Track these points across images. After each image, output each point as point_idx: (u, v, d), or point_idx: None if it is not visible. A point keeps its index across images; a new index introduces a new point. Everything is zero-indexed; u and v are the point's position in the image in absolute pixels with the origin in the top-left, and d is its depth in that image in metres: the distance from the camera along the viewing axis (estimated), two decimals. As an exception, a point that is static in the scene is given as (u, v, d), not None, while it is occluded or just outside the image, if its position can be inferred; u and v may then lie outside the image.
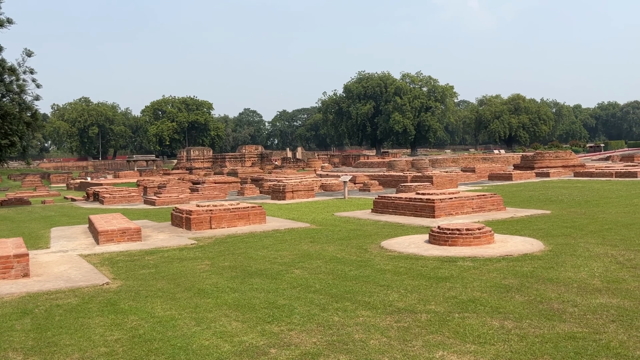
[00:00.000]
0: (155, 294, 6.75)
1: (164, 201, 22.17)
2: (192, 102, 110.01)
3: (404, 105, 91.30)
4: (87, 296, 6.72)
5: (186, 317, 5.68)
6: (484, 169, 32.69)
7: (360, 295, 6.32)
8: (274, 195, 22.30)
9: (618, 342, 4.54)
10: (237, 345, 4.77)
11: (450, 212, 13.59)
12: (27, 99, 25.12)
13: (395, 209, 14.42)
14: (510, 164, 42.48)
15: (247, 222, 13.18)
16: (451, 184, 25.46)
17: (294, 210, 17.13)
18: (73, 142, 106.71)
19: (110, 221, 12.28)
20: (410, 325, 5.14)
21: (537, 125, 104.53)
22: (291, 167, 58.47)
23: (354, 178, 29.43)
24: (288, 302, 6.09)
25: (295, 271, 7.79)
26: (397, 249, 9.21)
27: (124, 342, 4.94)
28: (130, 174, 58.62)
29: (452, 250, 8.74)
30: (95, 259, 9.43)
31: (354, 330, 5.07)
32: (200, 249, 10.13)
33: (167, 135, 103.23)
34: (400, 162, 38.69)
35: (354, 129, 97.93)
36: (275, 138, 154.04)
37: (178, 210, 13.70)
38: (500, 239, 9.60)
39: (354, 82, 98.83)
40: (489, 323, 5.13)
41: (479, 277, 6.97)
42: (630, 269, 7.12)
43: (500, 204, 14.51)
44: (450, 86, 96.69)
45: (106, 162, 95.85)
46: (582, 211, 13.70)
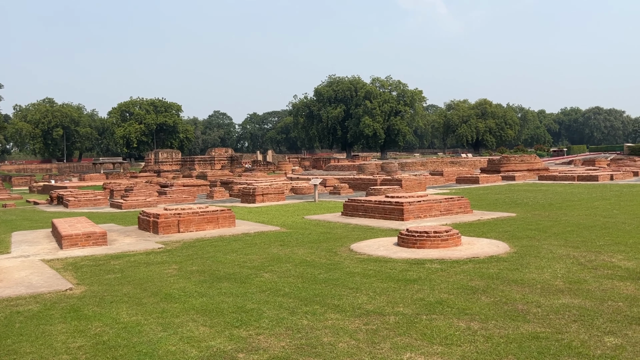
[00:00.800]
0: (121, 299, 6.61)
1: (131, 204, 21.77)
2: (160, 104, 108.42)
3: (374, 109, 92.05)
4: (49, 302, 6.53)
5: (152, 322, 5.57)
6: (451, 173, 33.19)
7: (330, 298, 6.32)
8: (243, 198, 22.15)
9: (579, 341, 4.66)
10: (204, 350, 4.71)
11: (419, 214, 13.75)
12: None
13: (365, 212, 14.50)
14: (477, 168, 43.26)
15: (216, 226, 13.05)
16: (420, 187, 25.77)
17: (264, 213, 17.05)
18: (36, 144, 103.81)
19: (75, 225, 11.99)
20: (379, 328, 5.17)
21: (503, 129, 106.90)
22: (261, 170, 58.22)
23: (324, 181, 29.48)
24: (257, 306, 6.05)
25: (265, 275, 7.75)
26: (366, 251, 9.26)
27: (87, 349, 4.81)
28: (96, 176, 57.35)
29: (421, 253, 8.84)
30: (58, 264, 9.18)
31: (322, 333, 5.07)
32: (167, 253, 9.97)
33: (134, 137, 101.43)
34: (370, 165, 38.96)
35: (325, 132, 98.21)
36: (246, 141, 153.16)
37: (145, 214, 13.47)
38: (467, 241, 9.76)
39: (325, 86, 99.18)
40: (455, 324, 5.20)
41: (447, 279, 7.07)
42: (591, 269, 7.33)
43: (468, 206, 14.75)
44: (419, 91, 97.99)
45: (71, 165, 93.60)
46: (546, 214, 14.05)
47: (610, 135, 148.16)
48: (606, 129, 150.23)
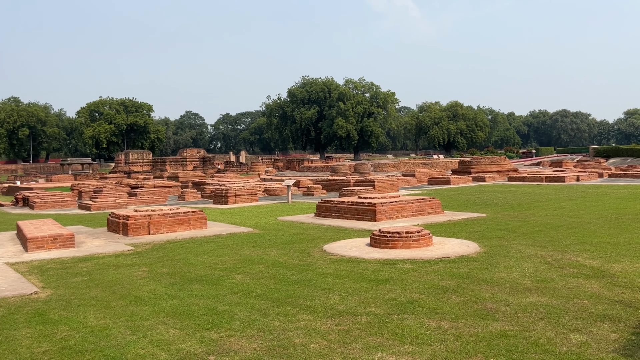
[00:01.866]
0: (88, 302, 6.47)
1: (100, 206, 21.34)
2: (131, 104, 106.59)
3: (347, 110, 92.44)
4: (14, 306, 6.35)
5: (121, 325, 5.47)
6: (423, 174, 33.55)
7: (302, 299, 6.31)
8: (216, 199, 21.95)
9: (546, 339, 4.76)
10: (174, 353, 4.64)
11: (391, 215, 13.85)
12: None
13: (338, 212, 14.54)
14: (448, 169, 43.85)
15: (187, 227, 12.89)
16: (392, 188, 25.97)
17: (236, 214, 16.93)
18: (1, 144, 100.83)
19: (41, 227, 11.69)
20: (351, 328, 5.18)
21: (474, 131, 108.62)
22: (234, 171, 57.83)
23: (297, 182, 29.45)
24: (228, 308, 6.00)
25: (237, 276, 7.69)
26: (339, 252, 9.28)
27: (53, 354, 4.70)
28: (64, 177, 56.05)
29: (393, 253, 8.90)
30: (23, 267, 8.94)
31: (294, 334, 5.05)
32: (137, 255, 9.81)
33: (104, 137, 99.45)
34: (344, 166, 39.10)
35: (298, 133, 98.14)
36: (218, 142, 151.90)
37: (115, 216, 13.22)
38: (439, 241, 9.87)
39: (298, 87, 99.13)
40: (426, 324, 5.26)
41: (418, 279, 7.13)
42: (557, 268, 7.50)
43: (439, 207, 14.93)
44: (392, 92, 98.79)
45: (38, 166, 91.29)
46: (515, 214, 14.32)
47: (577, 138, 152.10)
48: (573, 132, 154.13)
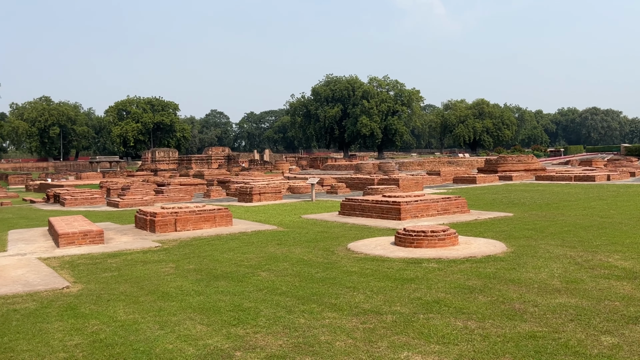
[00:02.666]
0: (118, 297, 6.60)
1: (127, 203, 21.72)
2: (157, 103, 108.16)
3: (371, 108, 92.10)
4: (46, 300, 6.51)
5: (149, 320, 5.57)
6: (449, 172, 33.24)
7: (327, 297, 6.32)
8: (240, 197, 22.13)
9: (576, 340, 4.67)
10: (201, 348, 4.70)
11: (416, 214, 13.76)
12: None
13: (362, 211, 14.51)
14: (474, 168, 43.33)
15: (213, 225, 13.03)
16: (417, 186, 25.80)
17: (261, 212, 17.04)
18: (33, 142, 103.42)
19: (72, 223, 11.96)
20: (376, 327, 5.17)
21: (501, 129, 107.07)
22: (258, 169, 58.19)
23: (321, 180, 29.49)
24: (254, 305, 6.05)
25: (262, 274, 7.74)
26: (363, 250, 9.26)
27: (84, 347, 4.80)
28: (93, 175, 57.24)
29: (418, 252, 8.84)
30: (55, 262, 9.16)
31: (320, 332, 5.07)
32: (164, 252, 9.96)
33: (131, 136, 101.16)
34: (368, 165, 39.00)
35: (322, 131, 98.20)
36: (243, 140, 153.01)
37: (142, 213, 13.44)
38: (464, 240, 9.77)
39: (322, 85, 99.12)
40: (452, 323, 5.21)
41: (444, 278, 7.08)
42: (587, 269, 7.35)
43: (465, 206, 14.77)
44: (417, 90, 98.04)
45: (68, 163, 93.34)
46: (543, 214, 14.08)
47: (607, 136, 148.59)
48: (603, 130, 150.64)
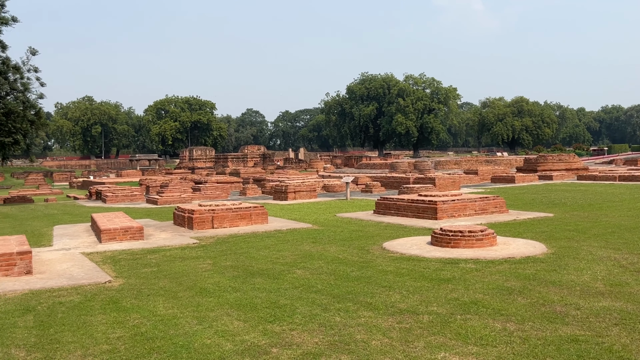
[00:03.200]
0: (157, 292, 6.76)
1: (166, 200, 22.19)
2: (195, 102, 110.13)
3: (407, 106, 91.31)
4: (90, 294, 6.72)
5: (188, 315, 5.68)
6: (486, 172, 32.65)
7: (362, 296, 6.31)
8: (276, 195, 22.31)
9: (621, 345, 4.52)
10: (238, 344, 4.77)
11: (453, 214, 13.58)
12: (31, 97, 25.19)
13: (398, 210, 14.41)
14: (513, 167, 42.43)
15: (249, 222, 13.18)
16: (454, 186, 25.44)
17: (296, 210, 17.13)
18: (76, 140, 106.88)
19: (113, 220, 12.30)
20: (412, 327, 5.14)
21: (541, 128, 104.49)
22: (293, 167, 58.51)
23: (356, 179, 29.43)
24: (290, 302, 6.09)
25: (297, 271, 7.79)
26: (399, 250, 9.20)
27: (126, 340, 4.94)
28: (132, 173, 58.72)
29: (455, 252, 8.73)
30: (97, 257, 9.45)
31: (355, 330, 5.07)
32: (202, 249, 10.13)
33: (169, 134, 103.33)
34: (403, 163, 38.69)
35: (357, 130, 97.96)
36: (278, 138, 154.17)
37: (180, 210, 13.71)
38: (503, 241, 9.59)
39: (357, 84, 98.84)
40: (491, 325, 5.13)
41: (481, 279, 6.96)
42: (633, 272, 7.10)
43: (503, 206, 14.49)
44: (454, 88, 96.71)
45: (109, 161, 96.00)
46: (585, 214, 13.67)
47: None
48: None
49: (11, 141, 24.50)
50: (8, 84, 24.26)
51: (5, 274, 7.67)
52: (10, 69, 24.26)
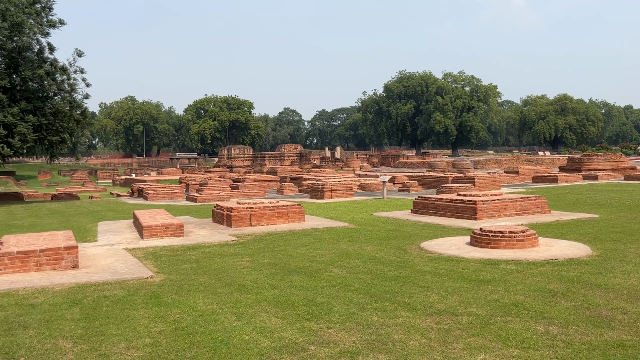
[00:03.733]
0: (197, 288, 6.89)
1: (205, 198, 22.58)
2: (233, 102, 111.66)
3: (446, 105, 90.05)
4: (132, 288, 6.91)
5: (227, 311, 5.77)
6: (527, 171, 31.88)
7: (400, 295, 6.27)
8: (312, 194, 22.38)
9: (671, 352, 4.34)
10: (276, 341, 4.81)
11: (493, 214, 13.32)
12: (77, 98, 26.06)
13: (436, 210, 14.23)
14: (555, 166, 41.27)
15: (286, 220, 13.27)
16: (493, 185, 24.95)
17: (332, 209, 17.14)
18: (119, 139, 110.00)
19: (154, 217, 12.60)
20: (451, 328, 5.07)
21: (585, 126, 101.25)
22: (330, 166, 58.57)
23: (393, 178, 29.22)
24: (327, 300, 6.10)
25: (334, 270, 7.80)
26: (437, 250, 9.09)
27: (167, 334, 5.06)
28: (173, 171, 59.99)
29: (495, 253, 8.56)
30: (139, 252, 9.70)
31: (393, 330, 5.04)
32: (240, 246, 10.27)
33: (208, 133, 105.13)
34: (441, 162, 38.17)
35: (394, 128, 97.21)
36: (314, 137, 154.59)
37: (219, 207, 13.93)
38: (545, 242, 9.35)
39: (395, 82, 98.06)
40: (532, 328, 5.01)
41: (523, 280, 6.81)
42: (684, 276, 6.80)
43: (545, 206, 14.12)
44: (494, 86, 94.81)
45: (150, 160, 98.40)
46: (632, 216, 13.17)
47: None
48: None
49: (59, 140, 25.42)
50: (56, 85, 25.17)
51: (54, 267, 7.97)
52: (58, 70, 25.16)
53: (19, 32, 23.36)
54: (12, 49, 23.29)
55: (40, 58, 24.96)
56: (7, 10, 22.81)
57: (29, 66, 23.41)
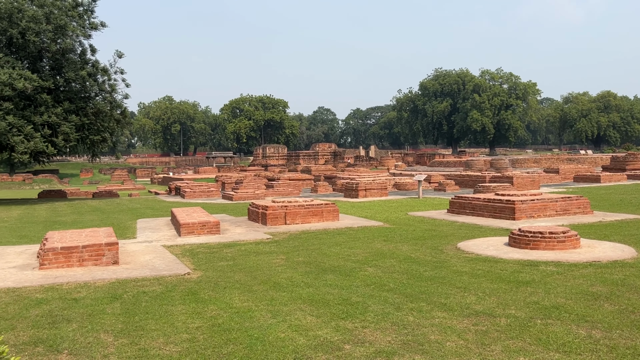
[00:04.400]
0: (233, 285, 6.97)
1: (240, 196, 22.84)
2: (268, 101, 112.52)
3: (483, 103, 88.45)
4: (170, 285, 7.05)
5: (262, 309, 5.81)
6: (568, 170, 31.01)
7: (436, 296, 6.18)
8: (346, 193, 22.34)
9: None
10: (312, 339, 4.82)
11: (532, 214, 13.00)
12: (118, 98, 26.71)
13: (473, 209, 14.00)
14: (598, 166, 40.00)
15: (320, 219, 13.29)
16: (533, 185, 24.37)
17: (366, 208, 17.07)
18: (157, 138, 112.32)
19: (191, 214, 12.81)
20: (489, 329, 4.97)
21: (630, 124, 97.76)
22: (364, 165, 58.33)
23: (428, 177, 28.89)
24: (362, 300, 6.08)
25: (369, 269, 7.76)
26: (474, 250, 8.94)
27: (204, 330, 5.13)
28: (209, 169, 60.90)
29: (534, 254, 8.36)
30: (177, 249, 9.88)
31: (429, 331, 4.97)
32: (275, 244, 10.34)
33: (244, 132, 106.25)
34: (478, 161, 37.50)
35: (430, 127, 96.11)
36: (349, 136, 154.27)
37: (254, 206, 14.06)
38: (587, 243, 9.06)
39: (431, 80, 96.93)
40: (574, 331, 4.86)
41: (564, 282, 6.62)
42: None
43: (587, 207, 13.70)
44: (533, 83, 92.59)
45: (187, 158, 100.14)
46: (680, 217, 12.64)
47: None
48: None
49: (100, 139, 26.14)
50: (97, 86, 25.89)
51: (95, 263, 8.21)
52: (100, 71, 25.87)
53: (62, 34, 24.13)
54: (56, 51, 24.08)
55: (83, 60, 25.72)
56: (51, 14, 23.59)
57: (72, 68, 24.16)
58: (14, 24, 22.95)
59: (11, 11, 22.85)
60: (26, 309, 5.97)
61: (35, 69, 24.27)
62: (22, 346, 4.79)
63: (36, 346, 4.79)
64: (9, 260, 8.92)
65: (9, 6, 22.85)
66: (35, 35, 22.87)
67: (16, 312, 5.84)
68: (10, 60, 22.46)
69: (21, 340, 4.93)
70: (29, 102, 22.97)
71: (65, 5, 24.62)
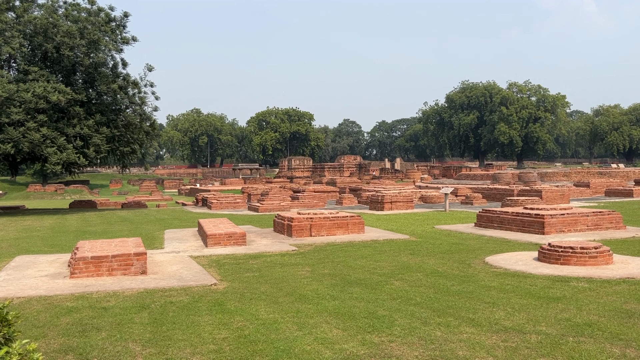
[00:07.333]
0: (259, 296, 6.98)
1: (266, 208, 22.95)
2: (294, 113, 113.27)
3: (511, 115, 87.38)
4: (197, 295, 7.10)
5: (288, 321, 5.81)
6: (599, 184, 30.30)
7: (464, 311, 6.09)
8: (372, 205, 22.25)
9: None
10: (337, 352, 4.79)
11: (562, 229, 12.73)
12: (147, 110, 27.27)
13: (501, 223, 13.78)
14: (630, 180, 38.98)
15: (345, 231, 13.25)
16: (562, 199, 23.88)
17: (392, 221, 16.96)
18: (184, 150, 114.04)
19: (218, 225, 12.93)
20: (519, 346, 4.86)
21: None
22: (389, 177, 58.06)
23: (455, 190, 28.58)
24: (388, 313, 6.02)
25: (395, 282, 7.69)
26: (502, 265, 8.78)
27: (231, 341, 5.15)
28: (235, 181, 61.43)
29: (565, 270, 8.17)
30: (204, 260, 9.96)
31: (457, 346, 4.89)
32: (301, 256, 10.34)
33: (270, 145, 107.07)
34: (506, 174, 36.93)
35: (456, 139, 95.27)
36: (374, 149, 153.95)
37: (280, 217, 14.11)
38: (620, 259, 8.82)
39: (457, 92, 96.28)
40: (608, 350, 4.72)
41: (596, 299, 6.45)
42: None
43: (620, 222, 13.35)
44: (562, 95, 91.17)
45: (214, 170, 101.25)
46: None
47: None
48: None
49: (129, 150, 26.68)
50: (128, 98, 26.49)
51: (124, 272, 8.34)
52: (130, 84, 26.47)
53: (95, 49, 24.81)
54: (89, 65, 24.75)
55: (114, 73, 26.38)
56: (85, 29, 24.29)
57: (104, 81, 24.79)
58: (49, 38, 23.69)
59: (47, 26, 23.61)
60: (57, 317, 6.09)
61: (69, 82, 24.97)
62: (52, 354, 4.88)
63: (66, 354, 4.88)
64: (41, 268, 9.13)
65: (45, 22, 23.61)
66: (70, 49, 23.57)
67: (47, 320, 5.96)
68: (45, 74, 23.17)
69: (52, 348, 5.03)
70: (62, 115, 23.60)
71: (98, 20, 25.34)
